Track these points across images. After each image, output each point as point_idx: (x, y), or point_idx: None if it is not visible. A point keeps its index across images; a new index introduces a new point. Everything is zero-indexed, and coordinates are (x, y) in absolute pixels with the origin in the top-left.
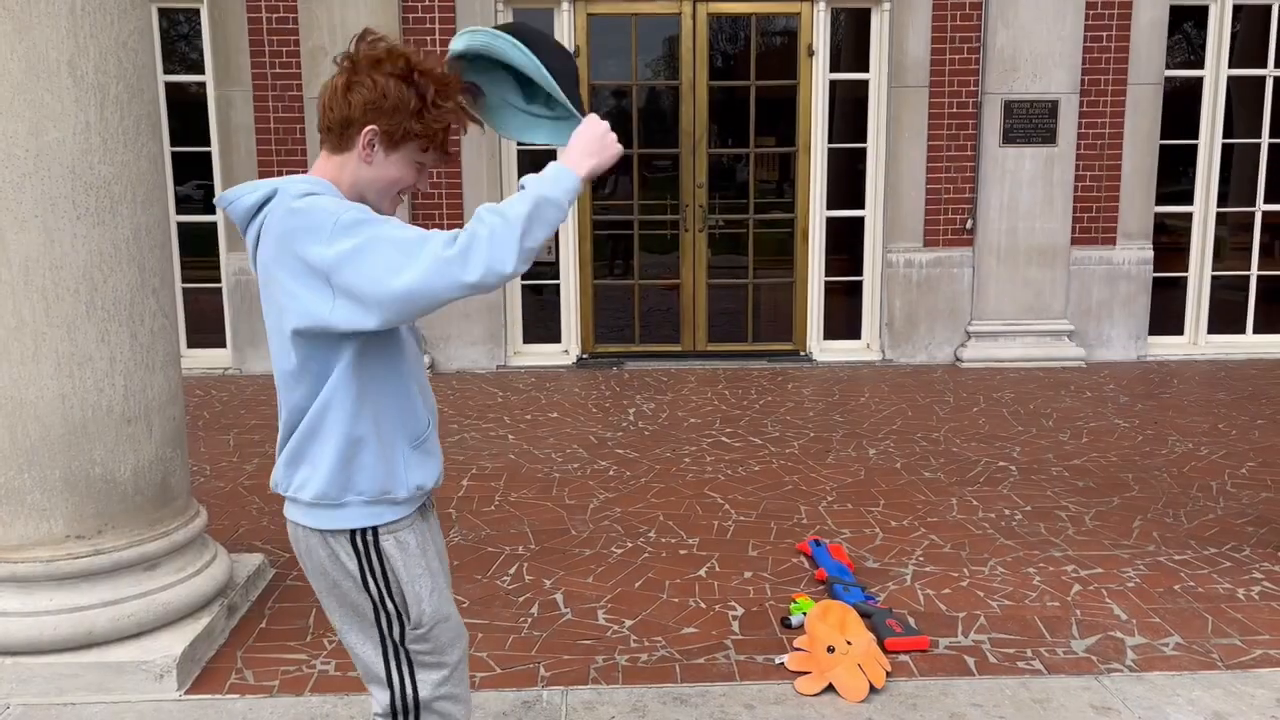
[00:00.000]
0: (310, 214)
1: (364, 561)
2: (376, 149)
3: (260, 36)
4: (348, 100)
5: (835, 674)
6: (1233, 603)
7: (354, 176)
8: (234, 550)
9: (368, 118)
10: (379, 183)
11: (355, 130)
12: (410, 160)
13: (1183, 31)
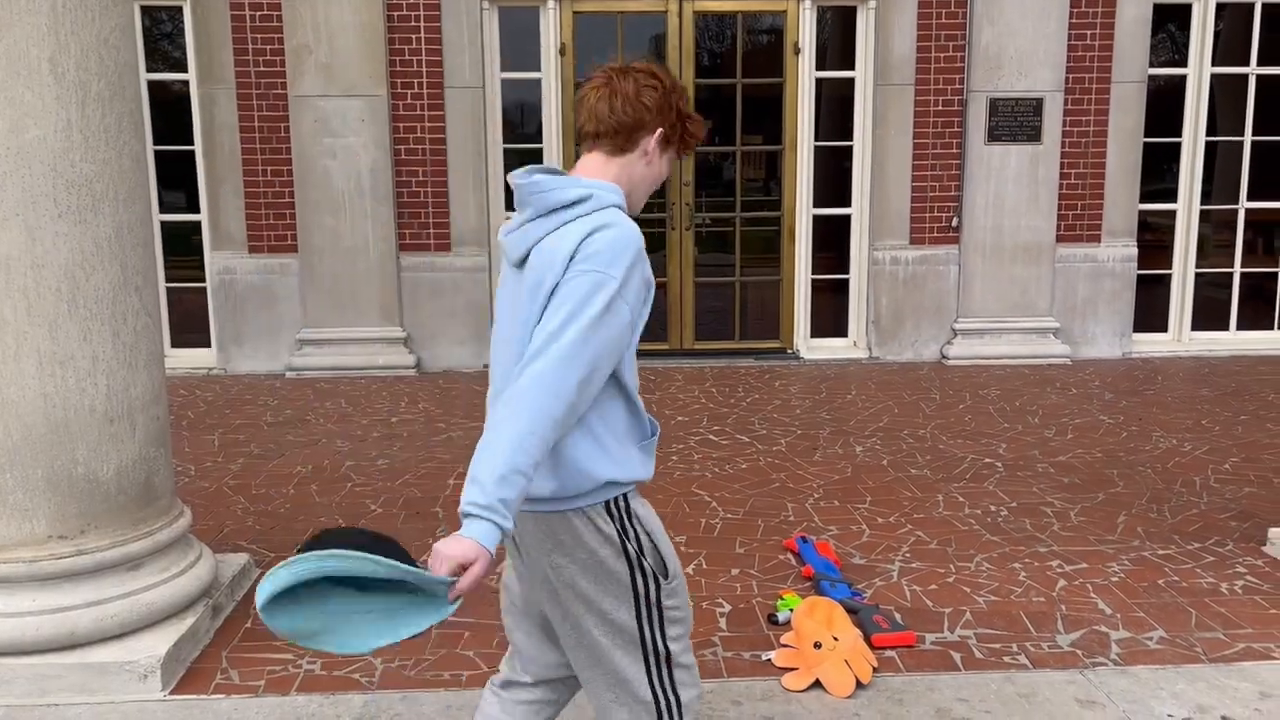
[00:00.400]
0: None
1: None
2: (654, 149)
3: (244, 34)
4: (641, 103)
5: (823, 670)
6: (1216, 597)
7: (633, 176)
8: (219, 550)
9: (658, 119)
10: (649, 180)
11: (645, 132)
12: (669, 160)
13: (1166, 30)
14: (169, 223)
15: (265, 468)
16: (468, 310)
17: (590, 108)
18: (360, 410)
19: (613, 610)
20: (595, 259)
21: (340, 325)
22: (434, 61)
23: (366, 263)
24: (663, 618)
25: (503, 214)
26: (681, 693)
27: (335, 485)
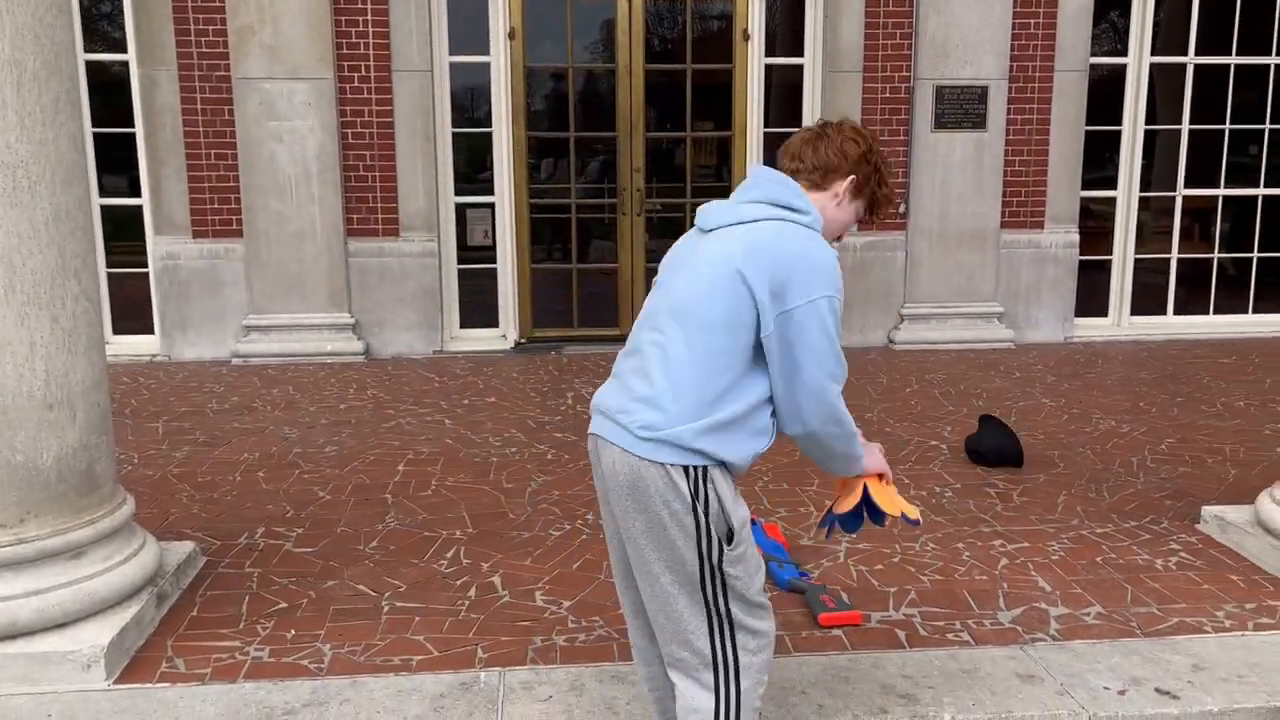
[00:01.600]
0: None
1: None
2: (844, 193)
3: (185, 15)
4: (843, 151)
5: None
6: (1151, 573)
7: (824, 213)
8: (164, 538)
9: (853, 168)
10: (836, 223)
11: (838, 176)
12: (857, 211)
13: (1108, 19)
14: (109, 207)
15: (211, 455)
16: (416, 296)
17: (794, 151)
18: (308, 397)
19: (680, 563)
20: (827, 278)
21: (287, 311)
22: (381, 44)
23: (314, 248)
24: (724, 581)
25: (452, 198)
26: (742, 655)
27: (283, 472)
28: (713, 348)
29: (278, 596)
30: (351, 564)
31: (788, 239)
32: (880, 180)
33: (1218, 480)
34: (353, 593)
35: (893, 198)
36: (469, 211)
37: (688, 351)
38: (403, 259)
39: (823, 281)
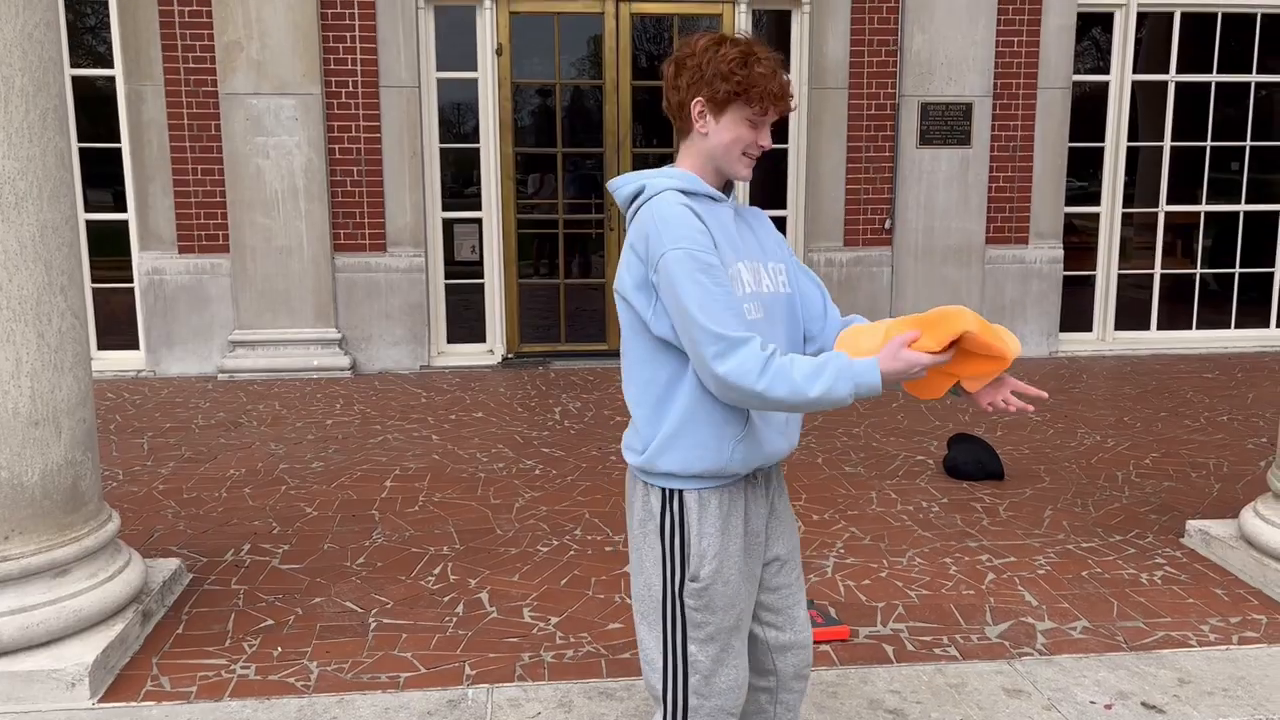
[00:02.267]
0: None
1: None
2: (707, 118)
3: (172, 30)
4: (676, 85)
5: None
6: (1137, 587)
7: (699, 151)
8: (149, 555)
9: (693, 90)
10: (721, 148)
11: (685, 109)
12: (741, 119)
13: (1090, 37)
14: (95, 222)
15: (197, 471)
16: (404, 311)
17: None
18: (294, 413)
19: (648, 586)
20: (665, 232)
21: (274, 326)
22: (369, 60)
23: (300, 263)
24: (684, 615)
25: (439, 214)
26: (692, 699)
27: (269, 488)
28: (633, 359)
29: (264, 614)
30: (338, 580)
31: (636, 223)
32: (721, 76)
33: (1202, 494)
34: (340, 609)
35: (755, 80)
36: (456, 226)
37: (626, 373)
38: (390, 274)
39: (662, 238)
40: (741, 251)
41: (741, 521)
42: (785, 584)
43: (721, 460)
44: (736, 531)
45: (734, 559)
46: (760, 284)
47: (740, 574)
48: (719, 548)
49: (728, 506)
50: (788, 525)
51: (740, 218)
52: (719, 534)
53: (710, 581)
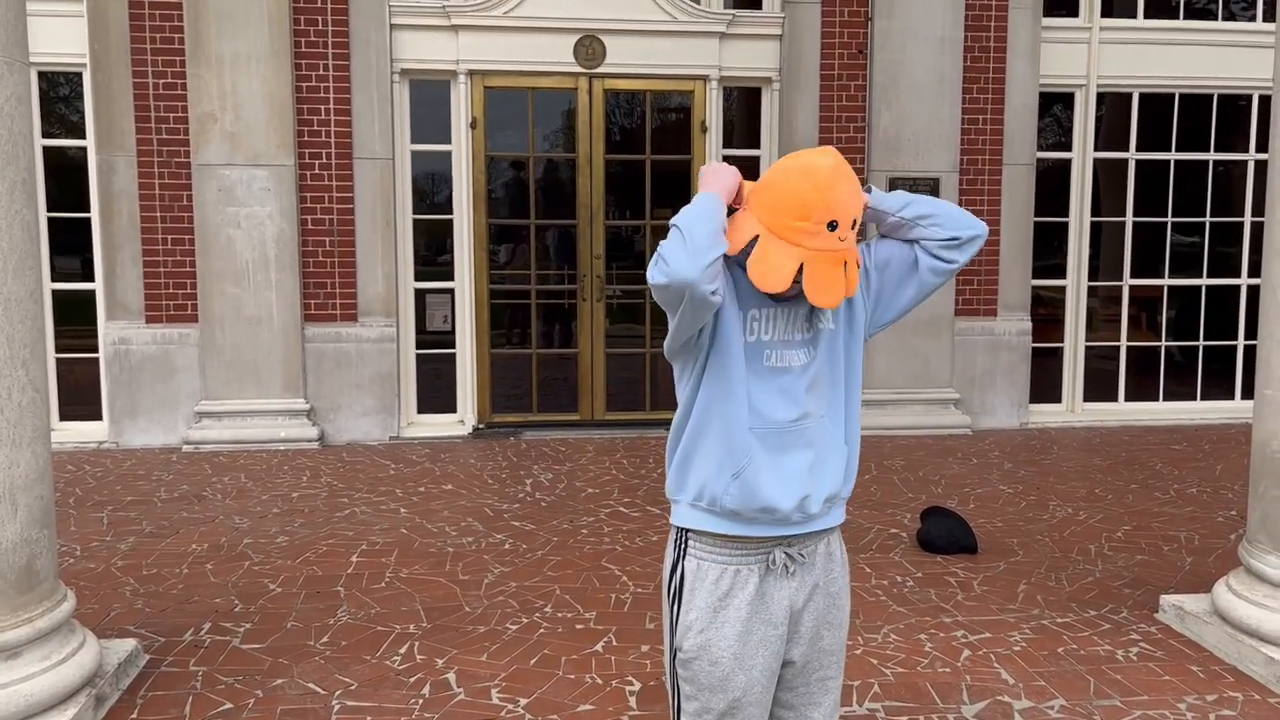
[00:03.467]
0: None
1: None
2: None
3: (146, 101)
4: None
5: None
6: (1113, 664)
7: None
8: (105, 636)
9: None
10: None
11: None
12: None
13: (1052, 114)
14: (62, 291)
15: (157, 547)
16: (374, 381)
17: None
18: (260, 485)
19: (664, 637)
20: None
21: (241, 397)
22: (343, 132)
23: (270, 333)
24: (677, 683)
25: (412, 284)
26: None
27: (232, 564)
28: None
29: (223, 697)
30: (301, 661)
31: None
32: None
33: (1174, 568)
34: (302, 691)
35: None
36: (429, 296)
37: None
38: (360, 344)
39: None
40: (772, 299)
41: (747, 606)
42: (806, 685)
43: (719, 489)
44: (737, 615)
45: (728, 642)
46: (787, 331)
47: (735, 659)
48: (705, 624)
49: (729, 585)
50: (819, 627)
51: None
52: (710, 611)
53: (693, 656)
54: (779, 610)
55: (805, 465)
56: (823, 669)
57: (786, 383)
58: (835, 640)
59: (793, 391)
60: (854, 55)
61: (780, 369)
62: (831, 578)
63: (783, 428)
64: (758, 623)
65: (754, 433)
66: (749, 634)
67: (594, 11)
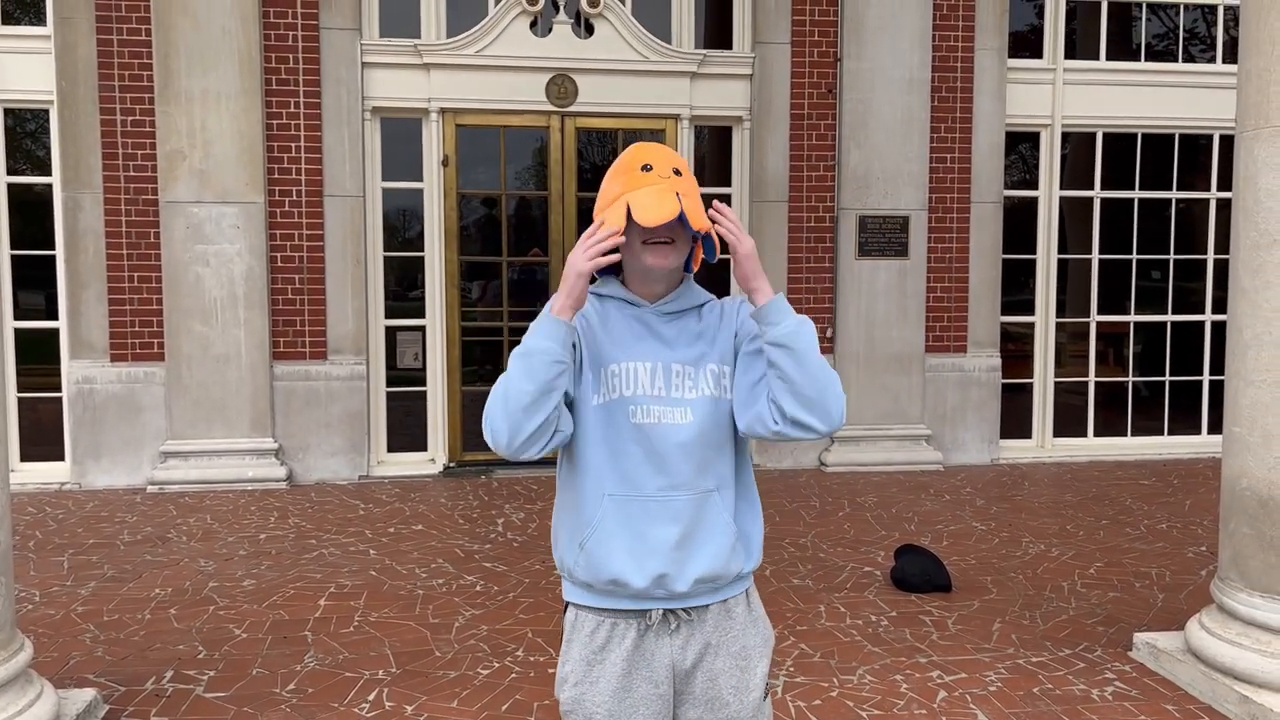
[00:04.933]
0: None
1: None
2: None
3: (114, 139)
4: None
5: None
6: (1088, 704)
7: (626, 263)
8: (63, 685)
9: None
10: (628, 267)
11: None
12: (631, 242)
13: (1019, 153)
14: (24, 330)
15: (119, 591)
16: (343, 420)
17: None
18: (227, 526)
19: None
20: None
21: (208, 436)
22: (314, 170)
23: (238, 371)
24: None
25: (382, 321)
26: None
27: (196, 609)
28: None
29: None
30: (267, 709)
31: None
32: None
33: (1147, 605)
34: None
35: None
36: (399, 334)
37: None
38: (330, 382)
39: None
40: (645, 352)
41: (623, 662)
42: None
43: (570, 560)
44: (612, 671)
45: (602, 698)
46: (655, 386)
47: (610, 716)
48: (580, 677)
49: (605, 638)
50: (721, 692)
51: (672, 320)
52: (584, 664)
53: (569, 709)
54: (660, 668)
55: (669, 541)
56: None
57: (656, 444)
58: (742, 707)
59: (662, 455)
60: (823, 95)
61: (647, 426)
62: (730, 637)
63: (647, 496)
64: (638, 679)
65: (611, 499)
66: (627, 691)
67: (566, 51)
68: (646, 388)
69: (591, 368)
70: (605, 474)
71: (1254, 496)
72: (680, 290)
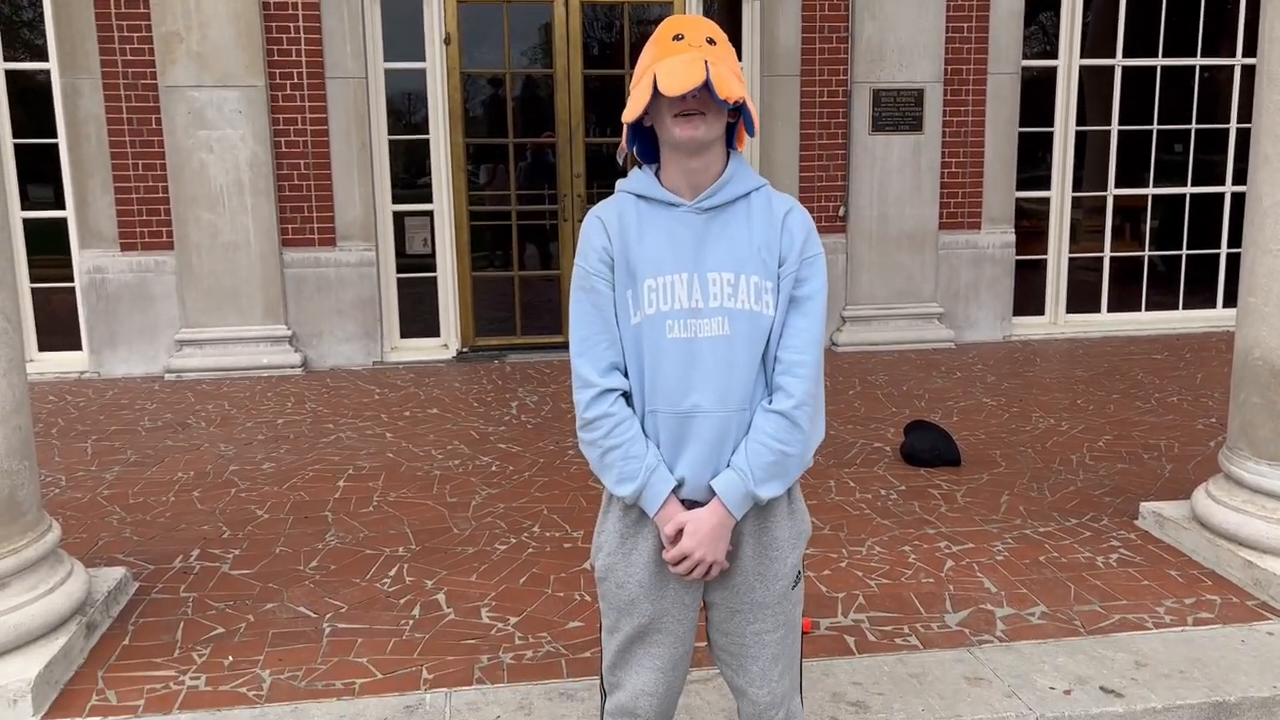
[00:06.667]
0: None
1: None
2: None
3: (109, 21)
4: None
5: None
6: (1093, 570)
7: (661, 144)
8: (93, 565)
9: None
10: (667, 146)
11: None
12: (662, 117)
13: (1038, 22)
14: (33, 220)
15: (143, 475)
16: (355, 306)
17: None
18: (244, 412)
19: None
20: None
21: (221, 325)
22: (314, 51)
23: (248, 259)
24: (602, 601)
25: (390, 206)
26: (608, 690)
27: (218, 491)
28: None
29: (214, 622)
30: (291, 585)
31: None
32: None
33: (1154, 476)
34: (293, 615)
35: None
36: (407, 219)
37: None
38: (340, 269)
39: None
40: (681, 263)
41: (655, 538)
42: (738, 632)
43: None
44: (646, 543)
45: (635, 569)
46: (692, 299)
47: (640, 586)
48: (613, 547)
49: (638, 514)
50: (748, 577)
51: (713, 220)
52: (618, 535)
53: (602, 576)
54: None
55: (701, 457)
56: (757, 621)
57: (694, 357)
58: (768, 593)
59: (700, 368)
60: None
61: (684, 340)
62: (761, 528)
63: (683, 413)
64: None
65: (651, 416)
66: (659, 565)
67: None
68: (684, 300)
69: (629, 283)
70: (645, 390)
71: (1266, 366)
72: (724, 178)
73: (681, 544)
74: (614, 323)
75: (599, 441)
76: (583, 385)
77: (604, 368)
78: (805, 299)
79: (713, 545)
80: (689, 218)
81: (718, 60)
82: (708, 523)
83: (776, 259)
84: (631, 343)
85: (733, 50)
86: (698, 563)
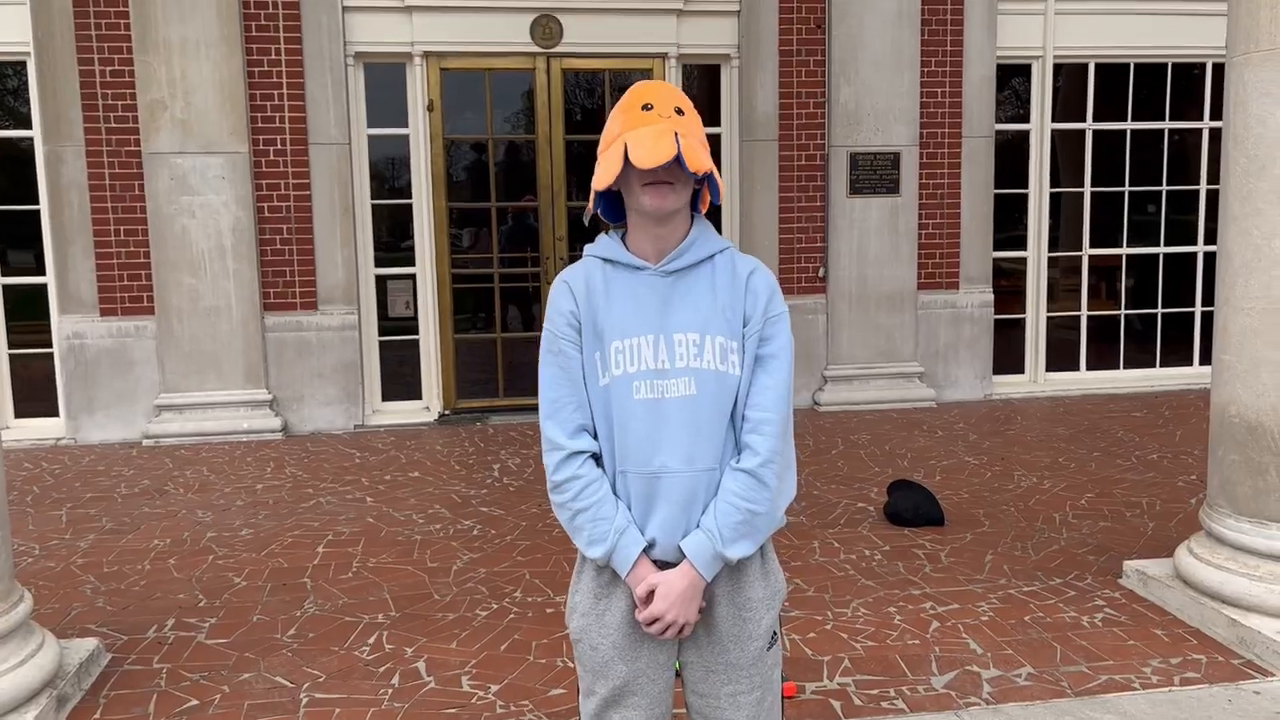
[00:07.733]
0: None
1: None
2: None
3: (93, 90)
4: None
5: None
6: (1078, 630)
7: (629, 209)
8: (65, 635)
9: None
10: (631, 212)
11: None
12: (639, 192)
13: (1010, 87)
14: (12, 285)
15: (118, 543)
16: (336, 370)
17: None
18: (223, 478)
19: None
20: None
21: (201, 389)
22: (297, 117)
23: (229, 323)
24: (578, 664)
25: (372, 270)
26: None
27: (195, 559)
28: None
29: (188, 693)
30: (268, 654)
31: None
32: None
33: (1137, 534)
34: (269, 685)
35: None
36: (390, 282)
37: None
38: (321, 332)
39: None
40: (647, 325)
41: (629, 600)
42: (713, 694)
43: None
44: (618, 605)
45: (609, 630)
46: (659, 360)
47: (615, 649)
48: (587, 609)
49: (611, 575)
50: (722, 638)
51: (678, 282)
52: (592, 596)
53: (576, 638)
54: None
55: (671, 517)
56: (732, 683)
57: (659, 418)
58: (743, 654)
59: (666, 429)
60: (812, 30)
61: (651, 401)
62: (737, 587)
63: (651, 472)
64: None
65: (621, 476)
66: (632, 627)
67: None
68: (649, 361)
69: (597, 345)
70: (614, 450)
71: (1242, 423)
72: (688, 241)
73: (653, 607)
74: (582, 385)
75: (568, 504)
76: (551, 448)
77: (572, 430)
78: (770, 357)
79: (684, 607)
80: (654, 281)
81: (687, 133)
82: (678, 585)
83: (741, 319)
84: (600, 404)
85: (699, 118)
86: (669, 624)
